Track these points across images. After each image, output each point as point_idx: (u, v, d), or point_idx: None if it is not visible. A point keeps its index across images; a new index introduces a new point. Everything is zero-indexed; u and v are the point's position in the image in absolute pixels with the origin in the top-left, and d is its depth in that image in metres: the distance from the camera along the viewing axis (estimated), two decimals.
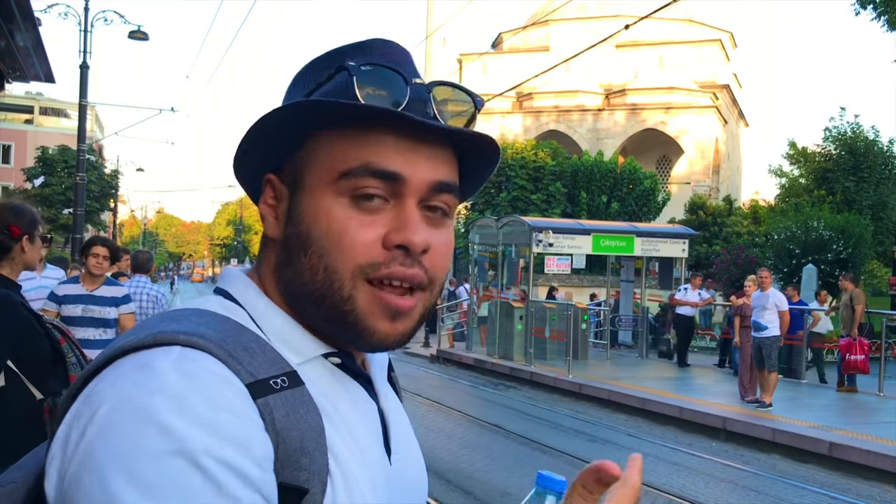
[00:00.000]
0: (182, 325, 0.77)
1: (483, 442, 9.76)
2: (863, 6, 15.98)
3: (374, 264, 0.81)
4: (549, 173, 30.66)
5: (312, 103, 0.81)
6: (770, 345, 11.40)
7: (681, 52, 46.65)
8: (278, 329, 0.84)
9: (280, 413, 0.74)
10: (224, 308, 0.84)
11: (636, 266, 20.05)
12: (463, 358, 18.02)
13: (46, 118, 57.77)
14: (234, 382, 0.72)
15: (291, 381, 0.77)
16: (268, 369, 0.76)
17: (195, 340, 0.74)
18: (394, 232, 0.81)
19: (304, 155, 0.84)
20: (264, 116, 0.83)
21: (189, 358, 0.72)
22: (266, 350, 0.79)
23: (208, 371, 0.72)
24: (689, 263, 21.68)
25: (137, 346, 0.74)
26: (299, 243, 0.83)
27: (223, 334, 0.77)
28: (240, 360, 0.75)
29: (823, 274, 21.45)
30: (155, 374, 0.70)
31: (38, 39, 6.46)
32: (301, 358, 0.83)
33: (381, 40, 0.88)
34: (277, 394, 0.75)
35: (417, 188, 0.82)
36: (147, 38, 19.00)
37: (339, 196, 0.81)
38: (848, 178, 32.04)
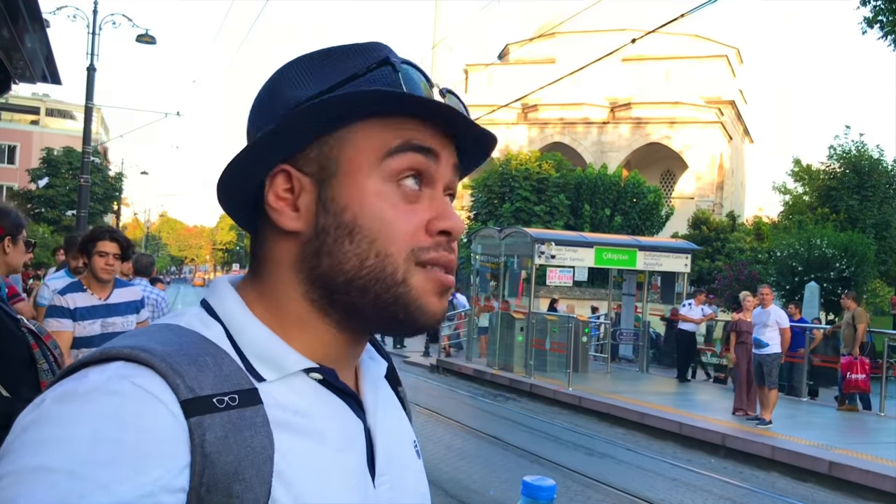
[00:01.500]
0: (134, 341, 0.76)
1: (481, 453, 9.73)
2: (870, 25, 15.98)
3: (423, 248, 0.82)
4: (552, 185, 30.68)
5: (379, 93, 0.80)
6: (771, 362, 11.37)
7: (687, 67, 46.73)
8: (255, 343, 0.82)
9: (215, 434, 0.71)
10: (199, 321, 0.83)
11: (638, 280, 20.03)
12: (463, 368, 17.98)
13: (52, 119, 57.92)
14: (165, 399, 0.70)
15: (243, 400, 0.75)
16: (217, 386, 0.74)
17: (137, 354, 0.73)
18: (439, 219, 0.83)
19: (335, 142, 0.83)
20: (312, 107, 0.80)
21: (123, 374, 0.71)
22: (223, 365, 0.76)
23: (136, 388, 0.70)
24: (692, 278, 21.65)
25: (86, 361, 0.74)
26: (342, 230, 0.81)
27: (173, 349, 0.75)
28: (182, 374, 0.72)
29: (826, 292, 21.41)
30: (83, 389, 0.70)
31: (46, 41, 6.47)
32: (279, 373, 0.80)
33: (378, 44, 0.88)
34: (218, 413, 0.72)
35: (445, 172, 0.85)
36: (155, 42, 19.07)
37: (386, 181, 0.82)
38: (852, 197, 32.02)
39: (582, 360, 16.55)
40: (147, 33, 18.85)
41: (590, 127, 45.51)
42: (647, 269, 18.47)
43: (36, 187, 40.52)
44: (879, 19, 15.70)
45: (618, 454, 10.18)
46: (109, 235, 4.46)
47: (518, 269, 18.65)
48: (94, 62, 17.94)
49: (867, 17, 15.90)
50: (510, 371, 16.41)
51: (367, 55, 0.85)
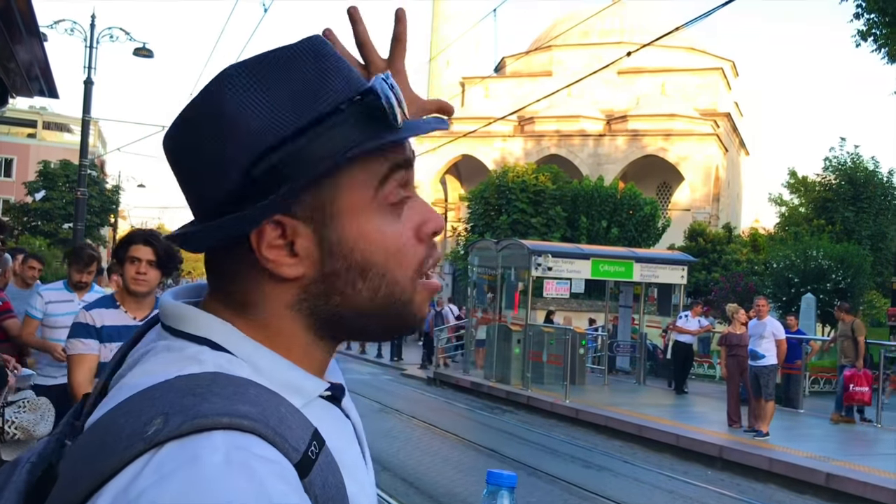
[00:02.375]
0: (217, 403, 0.67)
1: (479, 466, 9.70)
2: (863, 38, 16.05)
3: (422, 261, 0.83)
4: (549, 197, 30.72)
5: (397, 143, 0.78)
6: (767, 374, 11.38)
7: (682, 80, 46.87)
8: (277, 374, 0.77)
9: (318, 487, 0.69)
10: (228, 362, 0.75)
11: (635, 292, 20.06)
12: (460, 381, 17.96)
13: (49, 133, 57.92)
14: (287, 467, 0.66)
15: (318, 443, 0.72)
16: (302, 437, 0.70)
17: (240, 422, 0.65)
18: (425, 223, 0.83)
19: (327, 186, 0.77)
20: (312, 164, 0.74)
21: (239, 445, 0.64)
22: (295, 413, 0.72)
23: (263, 460, 0.64)
24: (688, 290, 21.67)
25: (174, 434, 0.64)
26: (353, 272, 0.78)
27: (261, 407, 0.68)
28: (284, 436, 0.68)
29: (822, 303, 21.43)
30: (208, 471, 0.61)
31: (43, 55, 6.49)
32: (303, 399, 0.77)
33: (322, 38, 0.81)
34: (315, 465, 0.70)
35: (413, 172, 0.85)
36: (152, 56, 19.10)
37: (382, 211, 0.79)
38: (847, 208, 32.10)
39: (579, 372, 16.53)
40: (144, 46, 18.88)
41: (586, 139, 45.59)
42: (643, 280, 18.50)
43: (32, 200, 40.47)
44: (873, 32, 15.78)
45: (615, 467, 10.16)
46: (143, 238, 3.71)
47: (515, 281, 18.66)
48: (91, 75, 17.98)
49: (860, 30, 15.99)
50: (507, 383, 16.38)
51: (334, 75, 0.77)
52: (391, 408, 14.20)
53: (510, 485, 0.85)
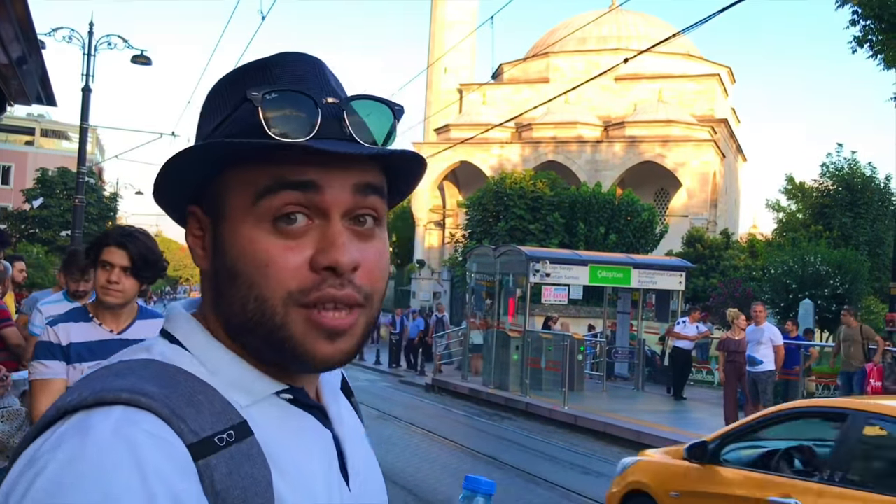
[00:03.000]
0: (126, 381, 0.74)
1: (478, 472, 9.65)
2: (860, 44, 16.08)
3: (304, 290, 0.79)
4: (547, 203, 30.74)
5: (220, 145, 0.79)
6: (765, 379, 11.39)
7: (680, 87, 46.98)
8: (225, 370, 0.82)
9: (221, 473, 0.72)
10: (171, 352, 0.82)
11: (633, 298, 20.05)
12: (458, 388, 17.94)
13: (47, 140, 57.95)
14: (176, 445, 0.70)
15: (239, 434, 0.76)
16: (213, 424, 0.74)
17: (138, 399, 0.71)
18: (320, 254, 0.79)
19: (221, 185, 0.82)
20: (174, 158, 0.81)
21: (130, 420, 0.70)
22: (214, 400, 0.77)
23: (148, 434, 0.69)
24: (686, 296, 21.67)
25: (79, 405, 0.72)
26: (227, 275, 0.81)
27: (168, 389, 0.74)
28: (184, 417, 0.72)
29: (820, 309, 21.43)
30: (95, 441, 0.68)
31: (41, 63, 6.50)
32: (251, 398, 0.81)
33: (288, 55, 0.86)
34: (221, 452, 0.73)
35: (339, 198, 0.80)
36: (150, 63, 19.11)
37: (261, 222, 0.79)
38: (845, 214, 32.13)
39: (577, 378, 16.52)
40: (142, 54, 18.90)
41: (583, 146, 45.65)
42: (641, 286, 18.49)
43: (30, 207, 40.44)
44: (869, 38, 15.82)
45: (614, 473, 10.14)
46: (117, 240, 3.09)
47: (513, 288, 18.67)
48: (89, 83, 17.98)
49: (856, 36, 16.02)
50: (506, 390, 16.37)
51: (245, 83, 0.82)
52: (389, 415, 14.20)
53: (487, 492, 0.84)
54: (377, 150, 0.81)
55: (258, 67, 0.84)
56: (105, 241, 3.11)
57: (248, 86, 0.80)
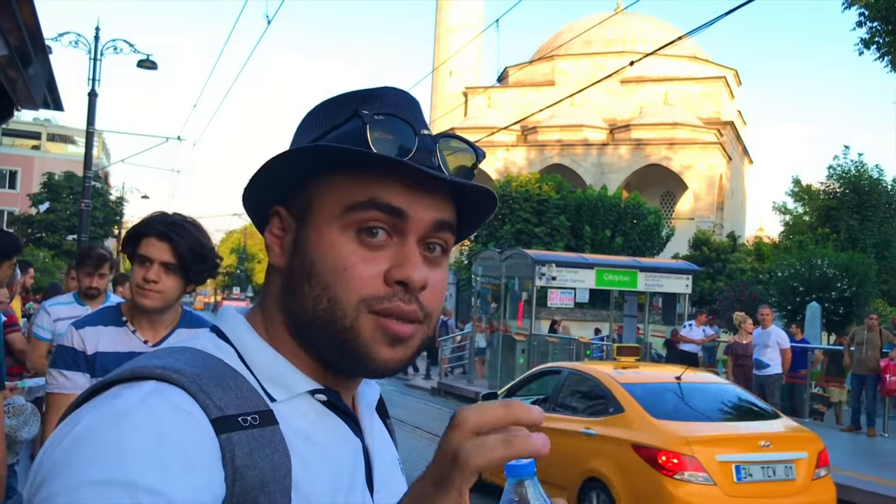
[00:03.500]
0: (162, 361, 0.81)
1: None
2: (866, 46, 16.05)
3: (376, 297, 0.84)
4: (552, 207, 30.74)
5: (327, 148, 0.85)
6: (772, 383, 11.34)
7: (686, 89, 46.97)
8: (264, 366, 0.87)
9: (242, 450, 0.77)
10: (213, 344, 0.88)
11: (639, 301, 20.01)
12: (464, 391, 17.92)
13: (53, 144, 58.14)
14: (199, 417, 0.76)
15: (263, 420, 0.81)
16: (239, 406, 0.80)
17: (169, 374, 0.78)
18: (395, 268, 0.85)
19: (313, 190, 0.88)
20: (281, 155, 0.87)
21: (158, 392, 0.76)
22: (243, 387, 0.83)
23: (174, 405, 0.75)
24: (693, 299, 21.63)
25: (117, 379, 0.79)
26: (304, 273, 0.87)
27: (200, 370, 0.81)
28: (210, 395, 0.78)
29: (827, 312, 21.36)
30: (122, 406, 0.74)
31: (48, 67, 6.51)
32: (287, 394, 0.87)
33: (393, 89, 0.93)
34: (244, 431, 0.78)
35: (418, 225, 0.87)
36: (156, 67, 19.17)
37: (346, 230, 0.85)
38: (852, 217, 32.03)
39: None
40: (148, 58, 18.95)
41: (589, 149, 45.67)
42: (648, 290, 18.45)
43: (37, 212, 40.58)
44: (876, 41, 15.78)
45: None
46: (159, 230, 2.52)
47: (519, 291, 18.64)
48: (95, 87, 18.04)
49: (863, 38, 15.99)
50: None
51: (354, 104, 0.89)
52: (395, 418, 14.03)
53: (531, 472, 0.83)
54: (461, 181, 0.88)
55: (366, 94, 0.92)
56: (144, 231, 2.56)
57: (358, 106, 0.87)
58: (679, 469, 6.20)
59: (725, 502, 6.20)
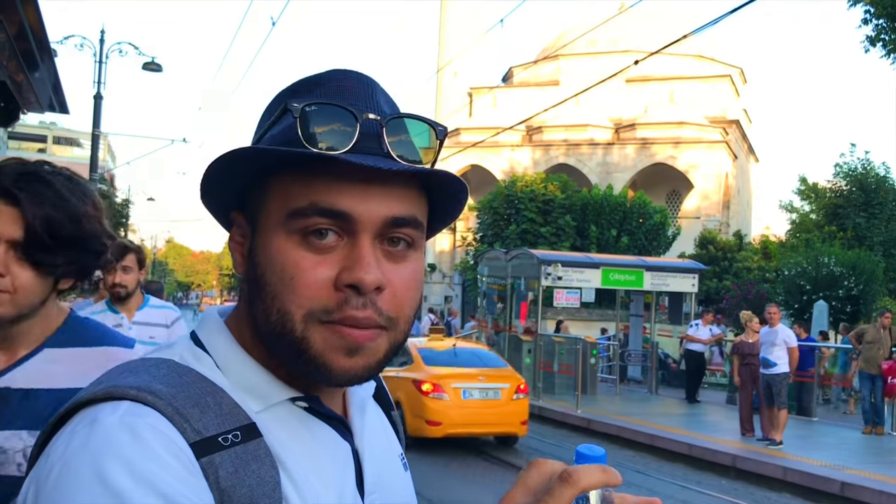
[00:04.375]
0: (137, 379, 0.77)
1: (489, 477, 9.67)
2: (872, 44, 16.01)
3: (326, 309, 0.79)
4: (558, 206, 30.69)
5: (252, 151, 0.80)
6: (779, 382, 11.30)
7: (691, 88, 46.85)
8: (240, 375, 0.84)
9: (227, 471, 0.74)
10: (191, 354, 0.85)
11: (646, 300, 19.97)
12: None
13: (59, 147, 58.22)
14: (177, 441, 0.73)
15: (245, 435, 0.77)
16: (219, 424, 0.76)
17: (144, 396, 0.74)
18: (345, 271, 0.79)
19: (259, 195, 0.84)
20: (216, 161, 0.82)
21: (135, 413, 0.73)
22: (223, 403, 0.79)
23: (151, 428, 0.72)
24: (699, 298, 21.58)
25: (91, 399, 0.76)
26: (257, 283, 0.83)
27: (176, 389, 0.77)
28: (188, 417, 0.75)
29: (834, 310, 21.29)
30: (101, 431, 0.71)
31: (53, 71, 6.54)
32: (264, 404, 0.83)
33: (338, 72, 0.87)
34: (226, 451, 0.75)
35: (369, 224, 0.80)
36: (161, 70, 19.21)
37: (290, 235, 0.80)
38: (859, 215, 31.93)
39: (590, 382, 16.46)
40: (153, 61, 18.99)
41: (595, 148, 45.60)
42: (654, 289, 18.41)
43: None
44: (882, 38, 15.74)
45: (628, 477, 10.10)
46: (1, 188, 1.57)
47: (525, 291, 18.63)
48: (100, 90, 18.08)
49: (869, 35, 15.95)
50: None
51: (291, 97, 0.85)
52: None
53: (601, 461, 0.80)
54: (409, 168, 0.80)
55: (307, 82, 0.87)
56: None
57: (294, 98, 0.83)
58: (431, 392, 10.77)
59: (455, 409, 10.75)
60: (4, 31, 5.31)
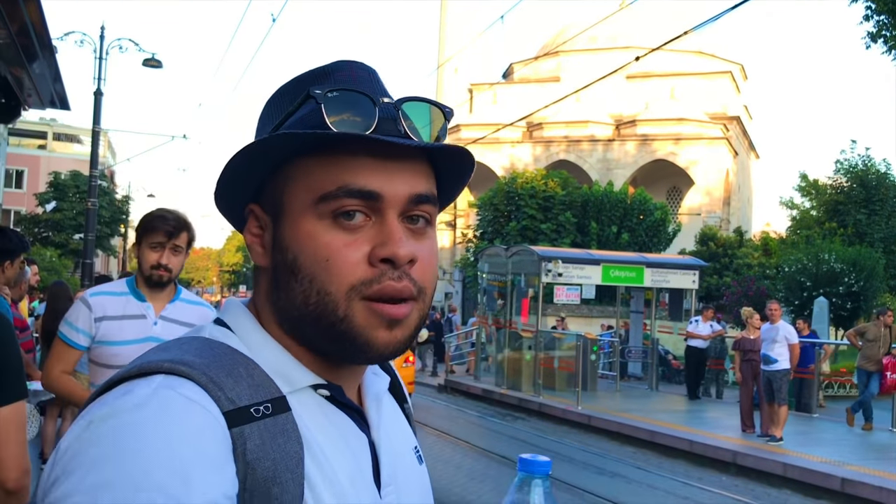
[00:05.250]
0: (169, 354, 0.79)
1: (491, 473, 9.68)
2: (873, 40, 15.98)
3: (365, 282, 0.82)
4: (558, 203, 30.67)
5: (283, 137, 0.82)
6: (780, 378, 11.32)
7: (691, 84, 46.79)
8: (268, 359, 0.85)
9: (255, 443, 0.75)
10: (221, 334, 0.87)
11: (646, 297, 19.98)
12: (471, 388, 17.93)
13: (60, 144, 58.23)
14: (211, 409, 0.74)
15: (276, 408, 0.79)
16: (251, 395, 0.78)
17: (178, 367, 0.76)
18: (379, 247, 0.83)
19: (282, 183, 0.86)
20: (239, 153, 0.84)
21: (169, 385, 0.75)
22: (255, 374, 0.81)
23: (185, 398, 0.74)
24: (700, 295, 21.58)
25: (125, 376, 0.78)
26: (288, 269, 0.85)
27: (209, 360, 0.79)
28: (222, 385, 0.77)
29: (835, 307, 21.29)
30: (133, 402, 0.73)
31: (55, 67, 6.54)
32: (290, 388, 0.84)
33: (344, 62, 0.90)
34: (256, 422, 0.77)
35: (395, 202, 0.84)
36: (161, 66, 19.19)
37: (321, 219, 0.83)
38: (859, 211, 31.91)
39: (591, 378, 16.47)
40: (153, 57, 18.97)
41: (595, 144, 45.58)
42: (654, 286, 18.42)
43: (43, 211, 40.66)
44: (883, 34, 15.71)
45: (628, 473, 10.12)
46: None
47: (525, 288, 18.63)
48: (101, 86, 18.07)
49: (870, 32, 15.92)
50: (519, 390, 16.35)
51: (306, 86, 0.87)
52: None
53: (544, 472, 0.81)
54: (430, 144, 0.85)
55: (319, 72, 0.89)
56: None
57: (311, 87, 0.85)
58: None
59: None
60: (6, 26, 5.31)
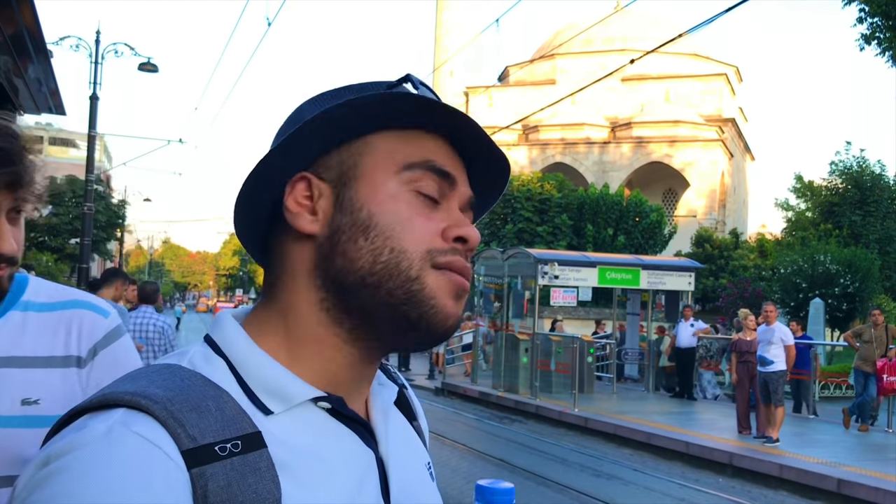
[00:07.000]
0: (134, 385, 0.75)
1: (488, 476, 9.65)
2: (867, 41, 16.05)
3: (440, 250, 0.82)
4: (555, 205, 30.71)
5: (399, 96, 0.82)
6: (776, 380, 11.33)
7: (687, 86, 46.91)
8: (260, 375, 0.80)
9: (217, 484, 0.70)
10: (203, 358, 0.82)
11: (642, 299, 19.99)
12: (468, 391, 17.93)
13: (55, 148, 58.16)
14: (167, 449, 0.69)
15: (247, 446, 0.73)
16: (218, 432, 0.73)
17: (138, 401, 0.72)
18: (454, 226, 0.84)
19: (356, 150, 0.85)
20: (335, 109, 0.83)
21: (124, 422, 0.70)
22: (226, 408, 0.75)
23: (140, 438, 0.69)
24: (696, 297, 21.61)
25: (87, 407, 0.74)
26: (357, 228, 0.82)
27: (175, 392, 0.74)
28: (183, 422, 0.71)
29: (830, 308, 21.34)
30: (83, 440, 0.69)
31: (50, 72, 6.53)
32: (286, 405, 0.79)
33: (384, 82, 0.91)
34: (222, 461, 0.71)
35: (462, 197, 0.88)
36: (157, 71, 19.19)
37: (403, 185, 0.83)
38: (854, 212, 32.01)
39: (587, 380, 16.48)
40: (149, 62, 18.97)
41: (591, 147, 45.63)
42: (650, 287, 18.43)
43: (39, 216, 40.54)
44: (877, 36, 15.77)
45: (625, 475, 10.12)
46: None
47: (522, 290, 18.63)
48: (96, 91, 18.06)
49: (864, 34, 15.98)
50: (515, 393, 16.35)
51: (380, 86, 0.88)
52: None
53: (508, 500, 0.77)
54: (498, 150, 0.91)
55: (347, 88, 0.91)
56: None
57: (381, 85, 0.88)
58: None
59: None
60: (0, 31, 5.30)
